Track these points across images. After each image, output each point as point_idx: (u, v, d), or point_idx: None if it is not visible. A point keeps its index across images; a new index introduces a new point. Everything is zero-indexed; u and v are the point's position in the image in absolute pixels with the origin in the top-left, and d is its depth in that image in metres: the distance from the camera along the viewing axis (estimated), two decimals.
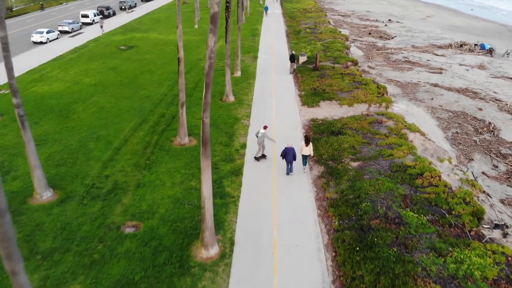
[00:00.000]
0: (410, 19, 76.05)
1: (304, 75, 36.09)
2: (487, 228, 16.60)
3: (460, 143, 25.26)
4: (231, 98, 29.88)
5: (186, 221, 16.14)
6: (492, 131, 26.91)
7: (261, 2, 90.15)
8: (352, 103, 29.33)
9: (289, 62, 38.21)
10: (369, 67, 42.09)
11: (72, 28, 57.09)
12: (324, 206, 17.60)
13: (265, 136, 20.72)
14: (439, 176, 19.13)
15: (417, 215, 16.36)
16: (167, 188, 18.50)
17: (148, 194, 18.01)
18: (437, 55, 48.04)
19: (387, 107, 29.28)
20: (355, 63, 40.05)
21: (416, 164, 19.97)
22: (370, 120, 25.68)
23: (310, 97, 30.79)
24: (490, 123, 27.97)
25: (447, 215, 16.54)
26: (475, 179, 21.35)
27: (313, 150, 21.87)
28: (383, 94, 31.25)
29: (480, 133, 26.72)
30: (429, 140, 24.01)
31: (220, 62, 40.46)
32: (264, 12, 72.78)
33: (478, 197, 18.92)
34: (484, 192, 19.93)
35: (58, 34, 52.73)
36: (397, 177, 19.14)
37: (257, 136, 20.90)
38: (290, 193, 18.47)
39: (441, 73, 40.35)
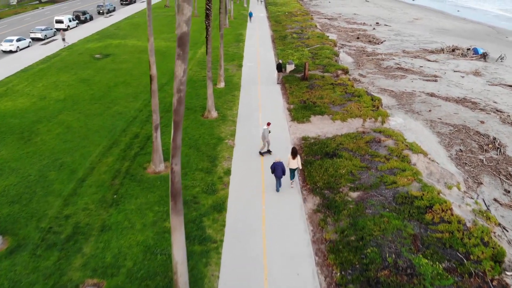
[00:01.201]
0: (398, 22, 74.29)
1: (293, 86, 33.60)
2: (511, 275, 14.27)
3: (465, 163, 23.00)
4: (214, 114, 27.19)
5: (158, 279, 13.41)
6: (498, 148, 24.74)
7: (245, 5, 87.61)
8: (346, 118, 26.91)
9: (276, 71, 35.71)
10: (360, 75, 39.81)
11: (45, 35, 53.76)
12: (323, 250, 15.05)
13: (266, 133, 21.54)
14: (451, 209, 16.77)
15: (431, 262, 13.92)
16: (136, 231, 15.73)
17: (114, 241, 15.22)
18: (429, 60, 46.04)
19: (383, 122, 26.95)
20: (345, 71, 37.72)
21: (423, 195, 17.59)
22: (367, 139, 23.26)
23: (300, 111, 28.29)
24: (495, 139, 25.82)
25: (465, 261, 14.14)
26: (488, 209, 19.06)
27: (301, 163, 20.76)
28: (378, 107, 28.92)
29: (485, 150, 24.51)
30: (433, 161, 21.69)
31: (202, 72, 37.78)
32: (248, 18, 68.11)
33: (494, 232, 16.62)
34: (499, 224, 17.64)
35: (30, 42, 49.39)
36: (403, 211, 16.71)
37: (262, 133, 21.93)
38: (283, 234, 15.86)
39: (436, 81, 38.26)
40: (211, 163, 21.24)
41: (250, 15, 67.56)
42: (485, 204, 19.43)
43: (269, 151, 22.37)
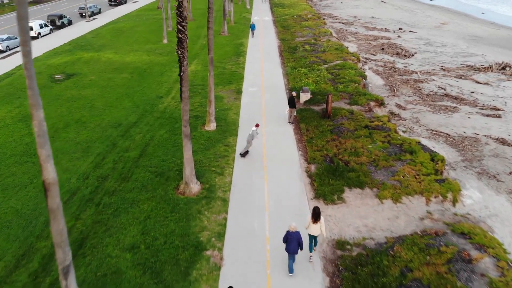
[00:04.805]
0: (423, 27, 64.50)
1: (310, 128, 24.15)
2: None
3: None
4: (194, 188, 17.72)
5: None
6: None
7: (248, 7, 77.99)
8: (399, 195, 17.44)
9: (287, 106, 26.27)
10: (398, 105, 30.26)
11: (7, 46, 44.48)
12: None
13: (254, 134, 20.46)
14: None
15: None
16: None
17: None
18: (479, 82, 36.39)
19: (455, 201, 17.51)
20: (380, 102, 28.20)
21: None
22: (449, 254, 13.70)
23: (326, 179, 18.81)
24: None
25: None
26: None
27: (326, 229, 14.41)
28: (442, 172, 19.43)
29: None
30: None
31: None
32: (250, 31, 51.07)
33: None
34: None
35: None
36: None
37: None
38: None
39: (499, 116, 28.68)
40: None
41: (252, 27, 50.31)
42: None
43: (247, 152, 21.25)
